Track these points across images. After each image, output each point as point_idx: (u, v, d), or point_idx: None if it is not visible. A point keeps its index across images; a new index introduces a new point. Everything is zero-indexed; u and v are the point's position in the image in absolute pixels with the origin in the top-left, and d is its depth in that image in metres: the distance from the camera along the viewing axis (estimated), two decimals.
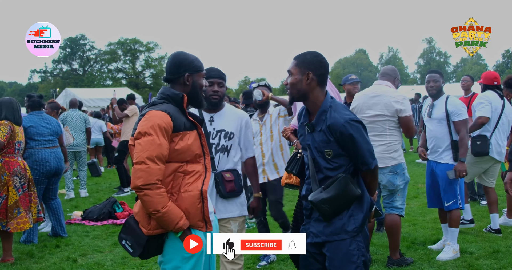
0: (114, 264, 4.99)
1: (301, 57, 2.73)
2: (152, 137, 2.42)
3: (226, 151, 3.46)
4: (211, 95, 3.46)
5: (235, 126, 3.53)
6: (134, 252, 2.52)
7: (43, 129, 5.97)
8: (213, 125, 3.51)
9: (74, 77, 54.66)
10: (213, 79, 3.46)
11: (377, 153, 4.42)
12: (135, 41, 55.12)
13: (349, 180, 2.63)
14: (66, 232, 6.18)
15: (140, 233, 2.48)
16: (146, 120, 2.46)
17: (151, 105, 2.57)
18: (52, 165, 5.91)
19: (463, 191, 4.91)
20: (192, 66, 2.67)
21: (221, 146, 3.47)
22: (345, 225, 2.64)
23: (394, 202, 4.58)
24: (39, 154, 5.86)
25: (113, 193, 9.27)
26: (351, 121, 2.62)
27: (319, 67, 2.70)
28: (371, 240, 4.93)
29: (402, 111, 4.47)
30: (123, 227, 2.58)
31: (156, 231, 2.47)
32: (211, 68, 3.52)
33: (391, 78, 4.73)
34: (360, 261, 2.64)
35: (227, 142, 3.47)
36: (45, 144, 5.95)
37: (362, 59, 72.38)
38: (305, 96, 2.73)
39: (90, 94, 27.40)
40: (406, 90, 26.59)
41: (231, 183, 3.39)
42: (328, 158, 2.67)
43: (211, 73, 3.44)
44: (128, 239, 2.53)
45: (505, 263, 4.66)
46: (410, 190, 7.90)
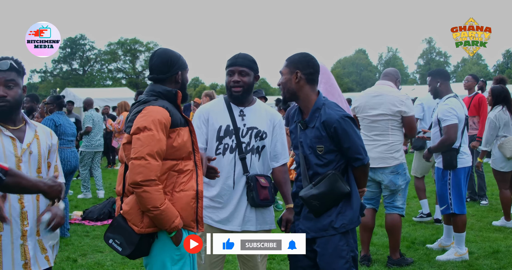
0: (114, 264, 4.99)
1: (290, 58, 2.87)
2: (152, 132, 2.38)
3: (257, 152, 3.02)
4: (231, 86, 2.99)
5: (268, 125, 3.07)
6: (123, 251, 2.47)
7: (67, 129, 6.08)
8: (245, 120, 3.03)
9: (74, 77, 54.64)
10: (233, 68, 2.99)
11: (379, 152, 4.44)
12: (135, 41, 55.16)
13: (338, 177, 2.72)
14: (68, 232, 6.18)
15: (131, 231, 2.43)
16: (145, 116, 2.42)
17: (144, 102, 2.52)
18: (72, 164, 6.01)
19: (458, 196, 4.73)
20: (182, 63, 2.66)
21: (252, 146, 3.00)
22: (333, 222, 2.73)
23: (395, 202, 4.59)
24: (62, 153, 5.92)
25: (113, 193, 9.28)
26: (345, 117, 2.73)
27: (306, 67, 2.81)
28: (371, 240, 4.93)
29: (406, 111, 4.47)
30: (110, 226, 2.53)
31: (148, 229, 2.43)
32: (235, 55, 3.07)
33: (393, 78, 4.73)
34: (349, 256, 2.74)
35: (258, 142, 3.02)
36: (67, 144, 6.06)
37: (361, 59, 72.36)
38: (295, 95, 2.85)
39: (90, 94, 27.23)
40: (406, 90, 26.53)
41: (265, 190, 2.95)
42: (319, 154, 2.76)
43: (231, 60, 3.02)
44: (117, 238, 2.48)
45: (505, 263, 4.66)
46: (410, 190, 7.89)
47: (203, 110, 3.10)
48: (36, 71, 56.69)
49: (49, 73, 56.74)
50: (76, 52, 56.69)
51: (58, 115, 6.13)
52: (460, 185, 4.75)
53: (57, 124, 5.93)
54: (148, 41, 55.60)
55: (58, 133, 5.93)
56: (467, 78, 7.53)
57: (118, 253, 2.51)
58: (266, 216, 3.06)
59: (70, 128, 6.13)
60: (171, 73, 2.61)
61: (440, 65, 64.71)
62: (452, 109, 4.62)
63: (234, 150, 2.98)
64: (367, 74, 67.27)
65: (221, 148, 3.00)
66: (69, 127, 6.11)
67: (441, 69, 5.20)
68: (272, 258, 4.93)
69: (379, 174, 4.52)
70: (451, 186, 4.74)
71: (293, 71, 2.82)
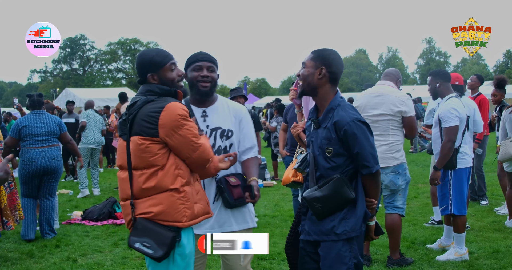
0: (114, 264, 4.99)
1: (318, 52, 2.74)
2: (186, 125, 2.43)
3: (226, 153, 2.92)
4: (199, 81, 2.88)
5: (233, 122, 2.97)
6: (155, 253, 2.40)
7: (36, 129, 5.99)
8: (207, 121, 2.95)
9: (74, 77, 54.65)
10: (201, 63, 2.90)
11: (380, 153, 4.41)
12: (135, 41, 55.14)
13: (344, 182, 2.60)
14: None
15: (162, 232, 2.40)
16: (169, 115, 2.39)
17: (148, 102, 2.46)
18: (39, 164, 5.91)
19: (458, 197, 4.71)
20: (152, 64, 2.54)
21: (218, 147, 2.92)
22: (335, 227, 2.63)
23: (395, 202, 4.58)
24: (27, 153, 5.92)
25: (113, 193, 9.27)
26: (357, 121, 2.61)
27: (333, 65, 2.71)
28: (371, 240, 4.92)
29: (406, 111, 4.47)
30: (133, 230, 2.46)
31: (190, 222, 2.46)
32: (199, 52, 2.99)
33: (394, 78, 4.73)
34: (351, 263, 2.64)
35: (224, 141, 2.94)
36: (36, 144, 5.97)
37: (362, 59, 72.42)
38: (314, 91, 2.74)
39: (90, 94, 27.35)
40: (406, 90, 26.57)
41: (237, 188, 2.87)
42: (327, 156, 2.66)
43: (198, 56, 2.93)
44: (145, 241, 2.42)
45: (505, 263, 4.66)
46: (410, 190, 7.89)
47: None
48: (36, 71, 56.77)
49: (49, 73, 56.77)
50: (76, 52, 56.70)
51: (29, 116, 6.09)
52: (462, 185, 4.72)
53: (19, 126, 5.91)
54: (148, 41, 55.64)
55: (23, 134, 5.91)
56: (472, 77, 7.40)
57: (148, 256, 2.43)
58: (245, 215, 2.97)
59: (41, 128, 6.00)
60: (144, 76, 2.57)
61: (440, 65, 64.74)
62: (454, 110, 4.61)
63: None
64: (367, 74, 67.28)
65: None
66: (39, 127, 5.99)
67: (442, 70, 5.12)
68: (272, 258, 4.92)
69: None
70: (452, 187, 4.73)
71: (318, 65, 2.69)
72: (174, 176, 2.44)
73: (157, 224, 2.43)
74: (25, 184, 5.96)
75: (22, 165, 5.91)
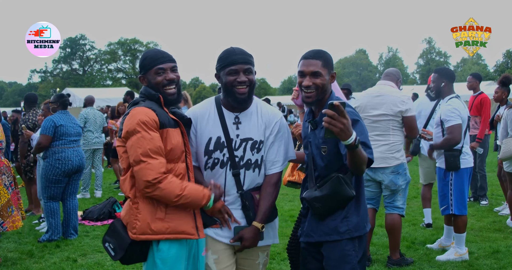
0: (114, 264, 4.99)
1: (322, 57, 2.63)
2: (141, 133, 2.35)
3: (256, 167, 2.65)
4: (235, 85, 2.54)
5: (265, 131, 2.66)
6: (115, 256, 2.46)
7: (70, 129, 6.02)
8: (239, 129, 2.63)
9: (74, 77, 54.63)
10: (236, 66, 2.53)
11: (380, 152, 4.44)
12: (135, 41, 55.14)
13: (343, 180, 2.58)
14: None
15: (124, 236, 2.42)
16: (131, 118, 2.39)
17: (134, 104, 2.51)
18: (74, 163, 5.97)
19: (459, 197, 4.71)
20: (141, 67, 2.55)
21: (247, 161, 2.61)
22: (338, 227, 2.62)
23: (395, 202, 4.58)
24: (62, 153, 5.90)
25: (113, 193, 9.28)
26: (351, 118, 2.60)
27: (333, 66, 2.71)
28: (371, 240, 4.93)
29: (407, 111, 4.47)
30: (108, 229, 2.53)
31: (141, 236, 2.40)
32: (232, 50, 2.58)
33: (394, 78, 4.74)
34: (355, 261, 2.63)
35: (255, 155, 2.63)
36: (70, 144, 6.02)
37: (362, 59, 72.42)
38: (324, 97, 2.67)
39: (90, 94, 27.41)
40: (406, 90, 26.55)
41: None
42: (323, 155, 2.64)
43: (232, 57, 2.55)
44: (112, 242, 2.48)
45: (505, 263, 4.66)
46: (410, 190, 7.89)
47: (191, 116, 2.68)
48: (36, 71, 56.74)
49: (49, 73, 56.74)
50: (76, 52, 56.69)
51: (60, 115, 6.02)
52: (463, 186, 4.72)
53: (57, 125, 5.85)
54: (148, 41, 55.66)
55: (59, 134, 5.87)
56: (468, 78, 7.38)
57: (111, 258, 2.50)
58: (269, 230, 2.74)
59: (73, 128, 6.06)
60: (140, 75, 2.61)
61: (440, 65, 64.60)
62: (455, 110, 4.61)
63: (226, 164, 2.62)
64: (367, 74, 67.31)
65: (210, 163, 2.65)
66: (71, 127, 6.04)
67: (448, 69, 5.04)
68: (272, 258, 4.92)
69: (379, 174, 4.51)
70: (453, 187, 4.73)
71: (329, 72, 2.64)
72: (131, 185, 2.46)
73: (125, 228, 2.46)
74: (54, 184, 5.87)
75: (56, 164, 5.82)
